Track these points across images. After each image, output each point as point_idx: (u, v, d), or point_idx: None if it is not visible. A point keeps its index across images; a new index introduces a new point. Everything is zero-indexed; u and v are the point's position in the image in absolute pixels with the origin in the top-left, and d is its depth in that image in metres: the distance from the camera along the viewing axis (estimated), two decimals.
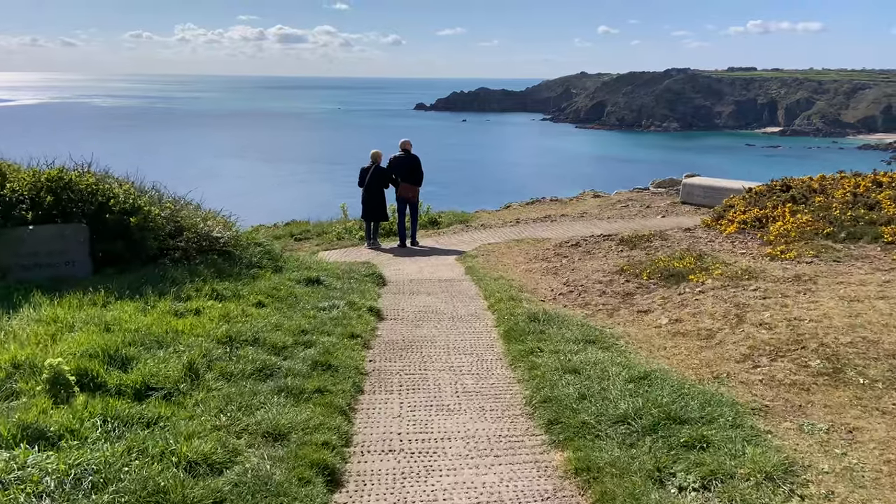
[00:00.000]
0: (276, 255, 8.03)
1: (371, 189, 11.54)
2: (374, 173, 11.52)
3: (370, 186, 11.52)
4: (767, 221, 9.31)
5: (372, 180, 11.52)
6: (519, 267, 9.26)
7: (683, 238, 9.39)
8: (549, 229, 12.29)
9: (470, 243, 11.52)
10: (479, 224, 14.05)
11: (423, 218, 14.90)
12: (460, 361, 4.90)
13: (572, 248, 10.02)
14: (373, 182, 11.54)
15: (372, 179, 11.51)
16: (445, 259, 10.25)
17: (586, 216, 14.06)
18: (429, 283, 8.07)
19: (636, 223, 12.47)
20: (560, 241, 10.62)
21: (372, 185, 11.54)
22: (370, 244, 11.87)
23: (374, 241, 12.02)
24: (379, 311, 6.23)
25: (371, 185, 11.53)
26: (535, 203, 17.22)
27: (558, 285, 7.67)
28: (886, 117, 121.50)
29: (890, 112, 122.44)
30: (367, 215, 11.80)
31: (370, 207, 11.67)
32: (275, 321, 5.36)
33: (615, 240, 10.09)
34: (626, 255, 8.81)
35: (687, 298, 5.95)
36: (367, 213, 11.77)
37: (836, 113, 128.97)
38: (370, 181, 11.51)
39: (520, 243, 10.97)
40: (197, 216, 6.79)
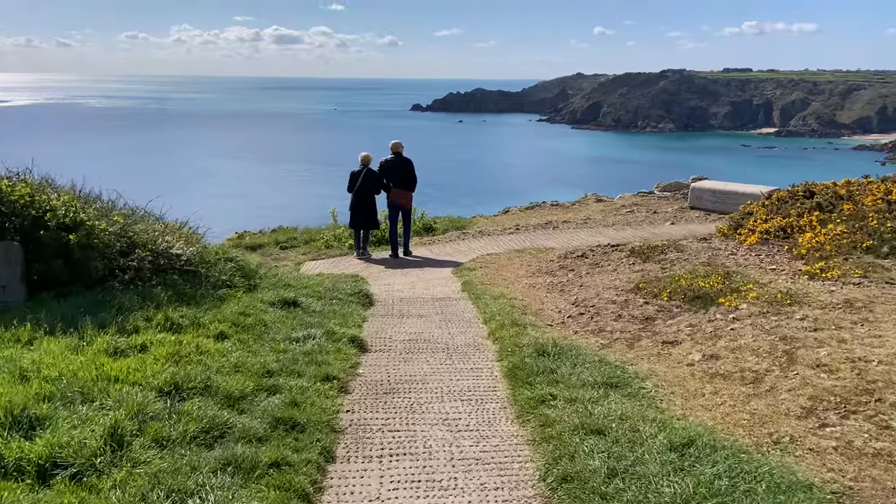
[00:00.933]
0: (249, 271, 7.16)
1: (362, 194, 10.68)
2: (365, 177, 10.66)
3: (361, 192, 10.66)
4: (793, 231, 8.50)
5: (363, 185, 10.66)
6: (521, 282, 8.41)
7: (701, 250, 8.56)
8: (552, 237, 11.44)
9: (467, 253, 10.66)
10: (476, 231, 13.20)
11: (417, 224, 14.04)
12: (457, 411, 4.04)
13: (578, 260, 9.17)
14: (364, 187, 10.68)
15: (363, 184, 10.66)
16: (440, 272, 9.39)
17: (590, 222, 13.23)
18: (421, 302, 7.21)
19: (645, 231, 11.65)
20: (564, 252, 9.78)
21: (363, 190, 10.68)
22: (360, 254, 11.01)
23: (364, 250, 11.16)
24: (362, 342, 5.36)
25: (362, 191, 10.67)
26: (535, 208, 16.39)
27: (566, 305, 6.82)
28: (881, 118, 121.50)
29: (885, 113, 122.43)
30: (357, 223, 10.94)
31: (360, 214, 10.81)
32: (235, 359, 4.49)
33: (625, 251, 9.25)
34: (640, 270, 7.97)
35: (720, 327, 5.11)
36: (356, 221, 10.91)
37: (832, 114, 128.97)
38: (361, 186, 10.65)
39: (521, 254, 10.12)
40: (154, 230, 5.92)
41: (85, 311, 4.86)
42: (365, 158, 10.76)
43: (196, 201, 57.92)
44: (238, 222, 50.44)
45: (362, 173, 10.62)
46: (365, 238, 11.11)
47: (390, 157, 10.67)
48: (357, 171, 10.68)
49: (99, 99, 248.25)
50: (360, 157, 10.80)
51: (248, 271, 7.12)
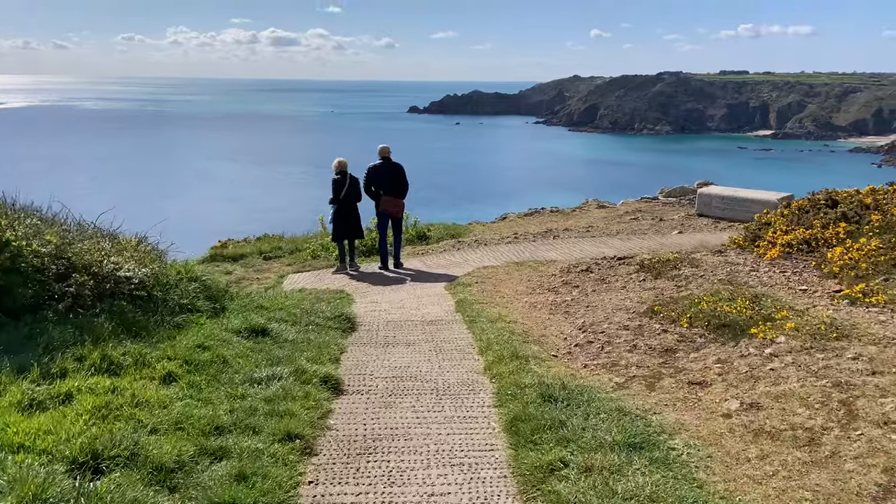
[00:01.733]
0: (217, 292, 6.38)
1: (348, 203, 9.94)
2: (352, 185, 9.90)
3: (348, 200, 9.93)
4: (818, 245, 7.77)
5: (350, 194, 9.90)
6: (520, 300, 7.65)
7: (718, 264, 7.81)
8: (553, 248, 10.69)
9: (462, 265, 9.90)
10: (472, 239, 12.45)
11: (409, 232, 13.28)
12: (445, 482, 3.27)
13: (583, 275, 8.42)
14: (351, 195, 9.94)
15: (350, 193, 9.90)
16: (433, 287, 8.62)
17: (593, 231, 12.49)
18: (410, 326, 6.43)
19: (652, 241, 10.90)
20: (567, 265, 9.02)
21: (349, 198, 9.94)
22: (350, 266, 10.20)
23: (353, 262, 10.38)
24: (337, 382, 4.58)
25: (349, 199, 9.93)
26: (535, 214, 15.65)
27: (573, 331, 6.07)
28: (877, 120, 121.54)
29: (881, 115, 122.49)
30: (343, 234, 10.16)
31: (346, 225, 10.04)
32: (179, 412, 3.71)
33: (633, 264, 8.50)
34: (652, 288, 7.22)
35: (756, 366, 4.36)
36: (342, 232, 10.13)
37: (828, 116, 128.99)
38: (348, 194, 9.90)
39: (520, 267, 9.36)
40: (99, 250, 5.13)
41: (3, 351, 4.07)
42: (341, 165, 9.96)
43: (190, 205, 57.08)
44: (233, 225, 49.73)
45: (348, 181, 9.85)
46: (352, 249, 10.32)
47: (379, 162, 9.90)
48: (338, 178, 9.89)
49: (95, 101, 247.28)
50: (336, 164, 9.98)
51: (215, 292, 6.34)
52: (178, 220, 52.86)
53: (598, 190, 71.33)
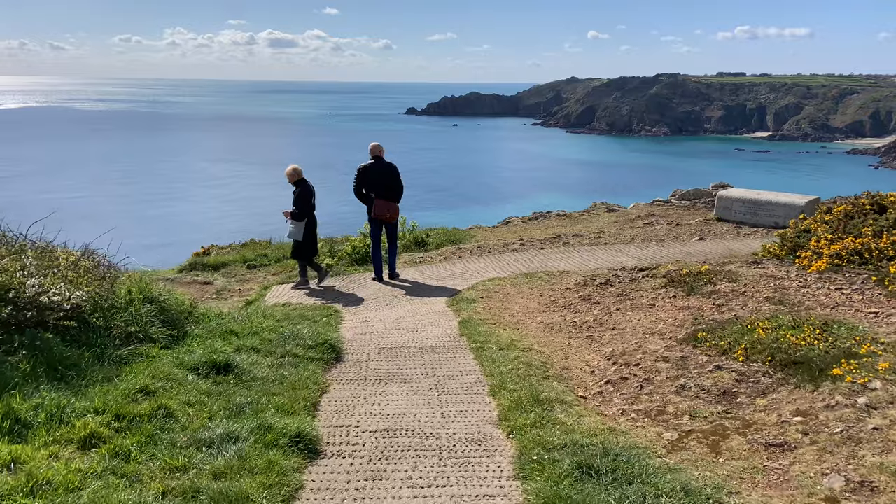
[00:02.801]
0: (177, 315, 5.37)
1: (313, 218, 8.96)
2: (313, 196, 8.90)
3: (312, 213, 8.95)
4: (871, 256, 6.81)
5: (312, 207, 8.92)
6: (533, 319, 6.67)
7: (759, 278, 6.83)
8: (565, 256, 9.71)
9: (465, 276, 8.91)
10: (475, 246, 11.46)
11: (406, 238, 12.29)
12: None
13: (602, 289, 7.44)
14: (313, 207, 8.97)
15: (313, 206, 8.93)
16: (433, 303, 7.62)
17: (605, 237, 11.52)
18: (406, 354, 5.43)
19: (673, 249, 9.93)
20: (583, 277, 8.03)
21: (313, 210, 8.98)
22: (320, 280, 9.07)
23: (321, 271, 9.22)
24: (312, 441, 3.56)
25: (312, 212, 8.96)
26: (540, 218, 14.67)
27: (600, 361, 5.09)
28: (874, 122, 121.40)
29: (877, 117, 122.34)
30: (309, 251, 9.04)
31: (313, 241, 9.09)
32: (89, 499, 2.71)
33: (658, 276, 7.52)
34: (686, 307, 6.25)
35: (851, 422, 3.38)
36: (309, 249, 9.01)
37: (825, 118, 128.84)
38: (315, 206, 8.98)
39: (530, 279, 8.37)
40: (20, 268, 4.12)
41: None
42: (297, 172, 8.80)
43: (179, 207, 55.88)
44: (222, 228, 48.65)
45: (313, 192, 8.83)
46: (314, 266, 9.21)
47: (370, 162, 8.90)
48: (304, 190, 8.69)
49: (93, 102, 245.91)
50: (291, 171, 8.78)
51: (174, 315, 5.33)
52: (167, 223, 51.89)
53: (599, 191, 70.56)
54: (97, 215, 54.06)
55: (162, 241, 42.94)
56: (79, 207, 56.55)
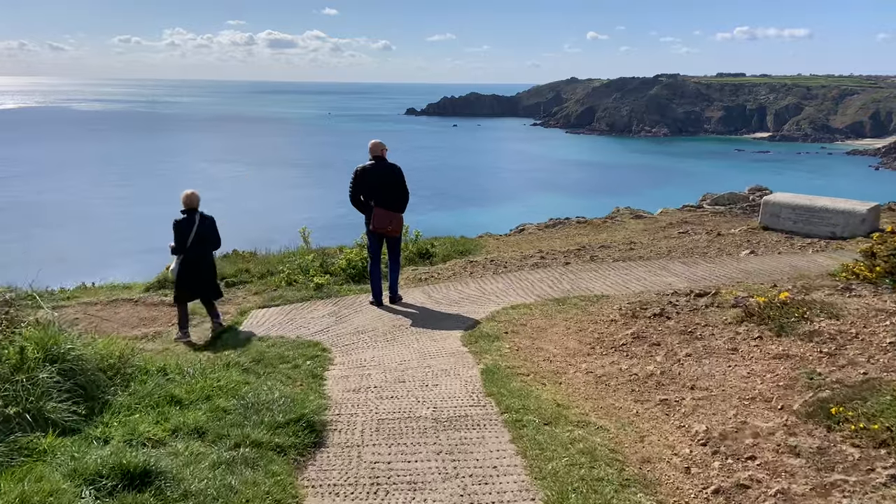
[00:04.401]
0: (95, 378, 3.83)
1: (197, 252, 7.00)
2: (201, 229, 6.94)
3: (196, 249, 6.98)
4: None
5: (199, 240, 6.95)
6: (577, 366, 5.15)
7: (866, 313, 5.30)
8: (598, 275, 8.17)
9: (481, 301, 7.37)
10: (487, 259, 9.92)
11: (409, 248, 10.75)
12: None
13: (658, 323, 5.91)
14: (200, 243, 6.97)
15: (199, 239, 6.95)
16: (446, 340, 6.08)
17: (638, 249, 9.99)
18: (415, 432, 3.89)
19: (726, 266, 8.39)
20: (629, 305, 6.51)
21: (198, 246, 6.99)
22: (184, 335, 7.06)
23: (215, 317, 7.29)
24: None
25: (197, 248, 6.98)
26: (558, 225, 13.14)
27: (694, 449, 3.57)
28: (874, 123, 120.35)
29: (878, 117, 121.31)
30: (188, 294, 7.14)
31: (194, 280, 7.08)
32: None
33: (726, 306, 6.00)
34: (783, 354, 4.72)
35: None
36: (187, 292, 7.12)
37: (825, 118, 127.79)
38: (197, 241, 6.95)
39: (562, 306, 6.83)
40: None
41: None
42: (190, 199, 7.01)
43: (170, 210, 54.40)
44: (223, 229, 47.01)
45: (196, 223, 6.90)
46: (211, 309, 7.28)
47: (370, 163, 7.37)
48: (184, 219, 6.96)
49: (90, 103, 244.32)
50: (183, 198, 7.04)
51: (90, 378, 3.79)
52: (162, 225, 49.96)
53: (600, 191, 69.32)
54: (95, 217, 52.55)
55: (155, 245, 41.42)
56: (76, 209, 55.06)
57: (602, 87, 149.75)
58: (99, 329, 8.62)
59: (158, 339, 8.10)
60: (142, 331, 8.51)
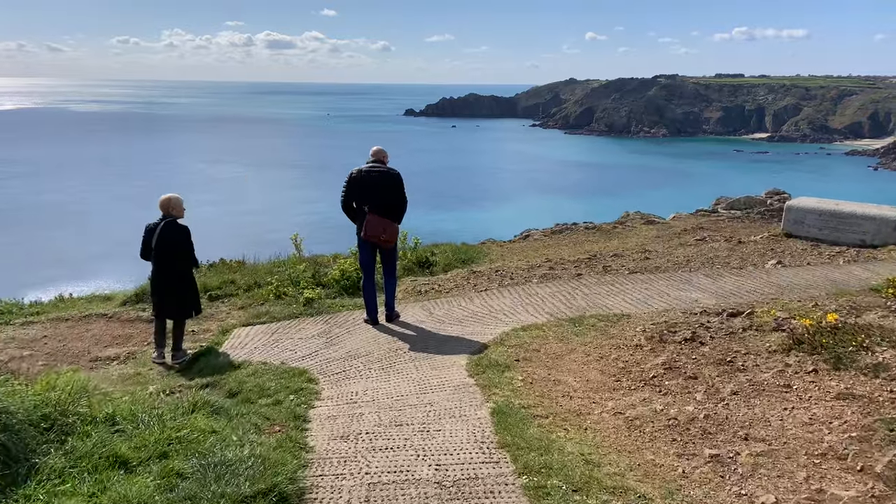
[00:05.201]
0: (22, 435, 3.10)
1: (163, 262, 6.26)
2: (164, 233, 6.20)
3: (161, 257, 6.24)
4: None
5: (163, 246, 6.21)
6: (604, 405, 4.43)
7: None
8: (615, 290, 7.43)
9: (487, 320, 6.64)
10: (491, 269, 9.19)
11: (408, 257, 10.03)
12: None
13: (690, 349, 5.19)
14: (165, 249, 6.22)
15: (163, 245, 6.20)
16: (449, 369, 5.34)
17: (654, 258, 9.26)
18: (413, 493, 3.18)
19: (754, 278, 7.66)
20: (653, 326, 5.78)
21: (164, 254, 6.24)
22: (159, 356, 6.40)
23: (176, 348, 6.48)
24: None
25: (162, 256, 6.24)
26: (565, 231, 12.41)
27: None
28: (873, 123, 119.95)
29: (876, 118, 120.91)
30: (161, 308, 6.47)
31: (165, 294, 6.37)
32: None
33: (766, 329, 5.28)
34: (845, 392, 4.01)
35: None
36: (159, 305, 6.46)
37: (824, 119, 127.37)
38: (161, 248, 6.21)
39: (579, 327, 6.10)
40: None
41: None
42: (162, 203, 6.32)
43: None
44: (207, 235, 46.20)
45: (158, 228, 6.22)
46: (178, 333, 6.44)
47: (366, 167, 6.64)
48: (152, 223, 6.32)
49: (88, 104, 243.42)
50: (164, 202, 6.33)
51: (17, 437, 3.06)
52: None
53: (600, 191, 68.68)
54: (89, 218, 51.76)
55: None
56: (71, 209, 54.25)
57: (601, 87, 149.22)
58: (67, 350, 7.90)
59: (131, 361, 7.37)
60: (114, 351, 7.78)
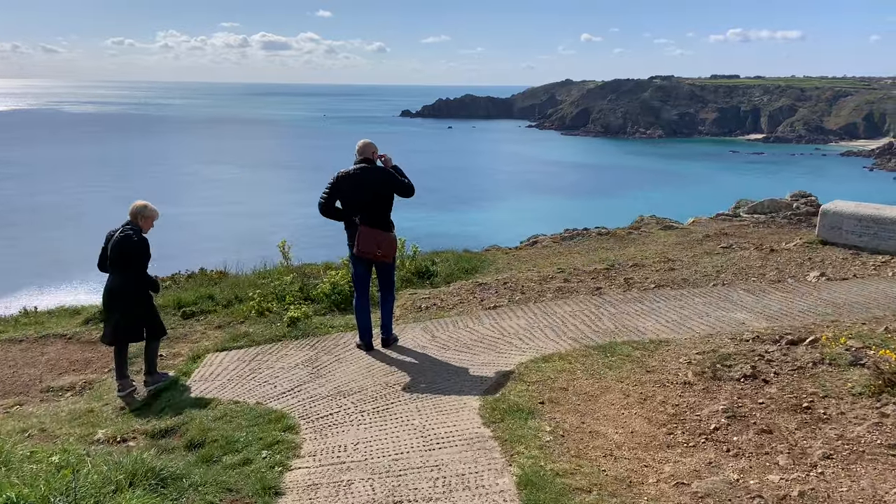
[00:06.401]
0: None
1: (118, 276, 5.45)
2: (114, 243, 5.40)
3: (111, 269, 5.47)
4: None
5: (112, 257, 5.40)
6: (660, 470, 3.46)
7: None
8: (643, 308, 6.46)
9: (500, 346, 5.66)
10: (499, 281, 8.20)
11: (407, 266, 9.05)
12: None
13: (751, 389, 4.24)
14: (112, 261, 5.42)
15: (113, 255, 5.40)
16: (458, 411, 4.37)
17: (679, 270, 8.31)
18: None
19: (802, 294, 6.71)
20: (700, 356, 4.83)
21: (112, 266, 5.45)
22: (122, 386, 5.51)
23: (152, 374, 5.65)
24: None
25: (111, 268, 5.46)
26: (576, 237, 11.45)
27: None
28: (868, 124, 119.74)
29: (871, 119, 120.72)
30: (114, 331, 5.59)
31: (105, 308, 5.65)
32: None
33: (840, 362, 4.35)
34: None
35: None
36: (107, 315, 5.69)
37: (819, 120, 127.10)
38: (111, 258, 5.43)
39: (610, 357, 5.13)
40: None
41: None
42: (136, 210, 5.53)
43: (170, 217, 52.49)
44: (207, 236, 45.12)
45: (114, 236, 5.43)
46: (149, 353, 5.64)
47: (355, 168, 5.67)
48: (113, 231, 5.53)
49: (83, 105, 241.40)
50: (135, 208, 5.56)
51: None
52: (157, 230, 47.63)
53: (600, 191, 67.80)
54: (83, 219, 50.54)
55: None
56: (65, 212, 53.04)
57: (596, 88, 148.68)
58: (17, 378, 6.88)
59: (87, 392, 6.38)
60: (70, 379, 6.77)
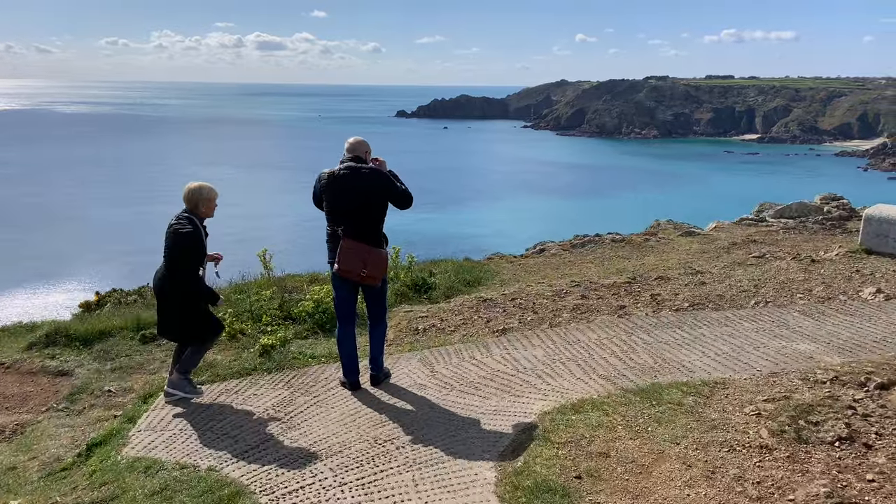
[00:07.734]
0: None
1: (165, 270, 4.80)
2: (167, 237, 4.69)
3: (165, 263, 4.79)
4: None
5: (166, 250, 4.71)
6: None
7: None
8: (684, 335, 5.40)
9: (514, 385, 4.60)
10: (506, 297, 7.14)
11: (402, 279, 8.00)
12: None
13: (850, 456, 3.21)
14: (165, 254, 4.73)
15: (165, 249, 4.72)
16: (467, 486, 3.27)
17: (710, 284, 7.27)
18: None
19: (869, 318, 5.67)
20: (772, 408, 3.81)
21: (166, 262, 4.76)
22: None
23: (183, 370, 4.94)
24: None
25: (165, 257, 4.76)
26: (588, 245, 10.40)
27: None
28: (862, 124, 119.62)
29: (865, 119, 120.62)
30: None
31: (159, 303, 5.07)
32: None
33: None
34: None
35: None
36: None
37: (813, 120, 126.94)
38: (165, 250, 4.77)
39: (655, 405, 4.08)
40: None
41: None
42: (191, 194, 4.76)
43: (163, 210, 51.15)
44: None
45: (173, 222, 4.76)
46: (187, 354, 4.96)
47: (341, 168, 4.60)
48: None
49: (76, 105, 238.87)
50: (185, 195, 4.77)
51: None
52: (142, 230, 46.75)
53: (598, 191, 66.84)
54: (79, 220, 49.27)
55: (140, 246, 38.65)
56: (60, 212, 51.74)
57: (591, 89, 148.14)
58: None
59: (19, 436, 5.29)
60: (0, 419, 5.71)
